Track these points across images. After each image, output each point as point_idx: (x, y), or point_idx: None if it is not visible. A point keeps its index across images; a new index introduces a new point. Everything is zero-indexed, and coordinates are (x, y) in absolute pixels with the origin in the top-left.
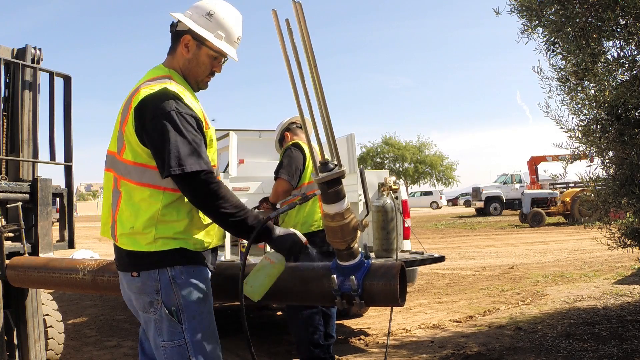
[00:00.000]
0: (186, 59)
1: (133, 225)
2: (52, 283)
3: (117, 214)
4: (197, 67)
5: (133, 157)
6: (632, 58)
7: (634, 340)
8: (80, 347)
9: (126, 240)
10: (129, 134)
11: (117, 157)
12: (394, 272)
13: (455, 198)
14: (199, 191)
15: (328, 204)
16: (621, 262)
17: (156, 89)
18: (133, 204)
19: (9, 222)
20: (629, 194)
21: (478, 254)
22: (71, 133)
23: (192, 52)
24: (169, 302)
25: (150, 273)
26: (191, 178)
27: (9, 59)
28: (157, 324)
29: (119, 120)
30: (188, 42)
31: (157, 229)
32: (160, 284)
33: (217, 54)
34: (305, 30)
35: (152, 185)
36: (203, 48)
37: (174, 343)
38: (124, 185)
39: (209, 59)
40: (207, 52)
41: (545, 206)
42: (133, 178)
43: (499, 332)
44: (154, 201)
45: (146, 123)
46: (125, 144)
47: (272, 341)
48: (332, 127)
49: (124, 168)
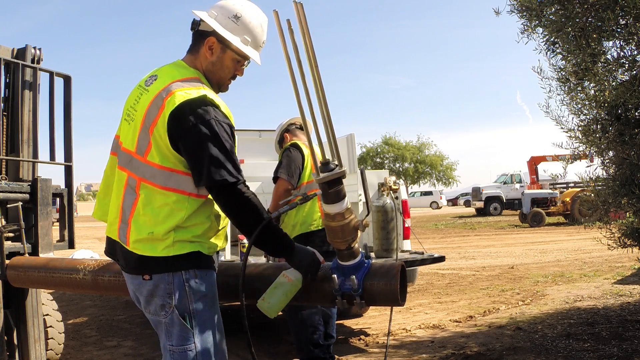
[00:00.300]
0: (210, 62)
1: (152, 231)
2: (52, 283)
3: (132, 218)
4: (220, 70)
5: (160, 161)
6: (632, 58)
7: (634, 340)
8: (80, 347)
9: (142, 246)
10: (158, 137)
11: (138, 158)
12: (394, 272)
13: (455, 198)
14: (234, 202)
15: (329, 204)
16: (621, 262)
17: (194, 94)
18: (153, 208)
19: (9, 222)
20: (629, 194)
21: (478, 254)
22: (71, 133)
23: (217, 55)
24: (181, 306)
25: (164, 276)
26: (229, 189)
27: (9, 59)
28: (168, 327)
29: (140, 118)
30: (212, 45)
31: (176, 233)
32: (173, 287)
33: (242, 58)
34: (306, 31)
35: (178, 190)
36: (228, 51)
37: (183, 348)
38: (145, 188)
39: (233, 63)
40: (232, 56)
41: (545, 206)
42: (158, 182)
43: (499, 332)
44: (179, 207)
45: (184, 130)
46: (151, 145)
47: (272, 341)
48: (332, 127)
49: (149, 171)
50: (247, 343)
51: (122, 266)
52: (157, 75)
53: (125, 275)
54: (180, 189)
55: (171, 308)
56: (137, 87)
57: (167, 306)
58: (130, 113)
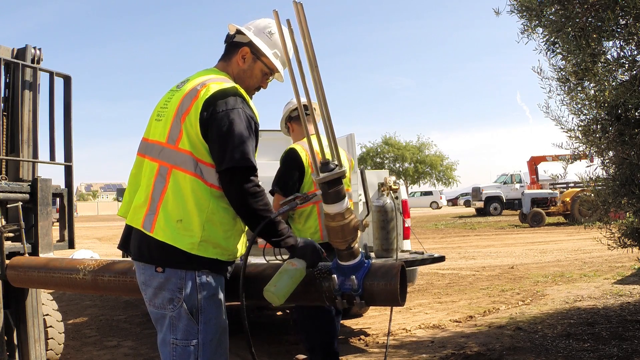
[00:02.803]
0: (241, 69)
1: (182, 219)
2: (52, 283)
3: (161, 204)
4: (250, 78)
5: (190, 148)
6: (632, 58)
7: (634, 340)
8: (80, 347)
9: (169, 232)
10: (189, 125)
11: (169, 146)
12: (394, 272)
13: (455, 198)
14: (248, 188)
15: (329, 204)
16: (621, 262)
17: (227, 85)
18: (183, 195)
19: (9, 222)
20: (629, 194)
21: (478, 254)
22: (71, 133)
23: (248, 64)
24: (190, 301)
25: (177, 271)
26: (247, 173)
27: (9, 59)
28: (174, 321)
29: (173, 111)
30: (246, 54)
31: (204, 230)
32: (185, 282)
33: (269, 70)
34: (306, 31)
35: (203, 179)
36: (258, 62)
37: (187, 342)
38: (175, 175)
39: (261, 74)
40: (261, 67)
41: (545, 206)
42: (188, 168)
43: (499, 332)
44: (205, 197)
45: (216, 114)
46: (182, 133)
47: (272, 341)
48: (332, 127)
49: (180, 157)
50: (247, 343)
51: (135, 255)
52: (190, 78)
53: (137, 265)
54: (204, 179)
55: (180, 302)
56: (169, 92)
57: (175, 300)
58: (160, 113)
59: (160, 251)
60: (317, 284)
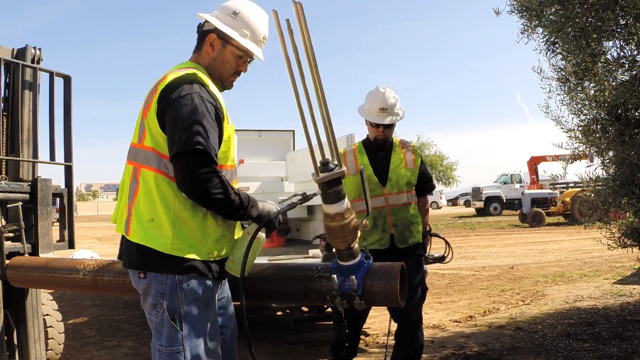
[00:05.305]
0: (211, 57)
1: (153, 218)
2: (52, 283)
3: (134, 205)
4: (222, 65)
5: (152, 144)
6: (632, 58)
7: (634, 340)
8: (80, 347)
9: (142, 233)
10: (150, 120)
11: (137, 146)
12: (394, 272)
13: (455, 198)
14: (194, 174)
15: (328, 204)
16: (621, 262)
17: (183, 73)
18: (151, 193)
19: (9, 222)
20: (629, 194)
21: (478, 254)
22: (71, 133)
23: (217, 51)
24: (172, 307)
25: (157, 276)
26: (191, 158)
27: (9, 59)
28: (158, 327)
29: (141, 110)
30: (213, 41)
31: (175, 228)
32: (166, 287)
33: (242, 52)
34: (306, 31)
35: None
36: (228, 46)
37: (171, 349)
38: (143, 174)
39: (234, 58)
40: (232, 51)
41: (545, 206)
42: (152, 164)
43: (499, 332)
44: (170, 193)
45: (168, 103)
46: (145, 130)
47: (272, 341)
48: (332, 127)
49: (144, 155)
50: (247, 343)
51: (124, 262)
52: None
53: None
54: (169, 175)
55: (162, 308)
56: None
57: (158, 306)
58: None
59: (139, 255)
60: (317, 284)
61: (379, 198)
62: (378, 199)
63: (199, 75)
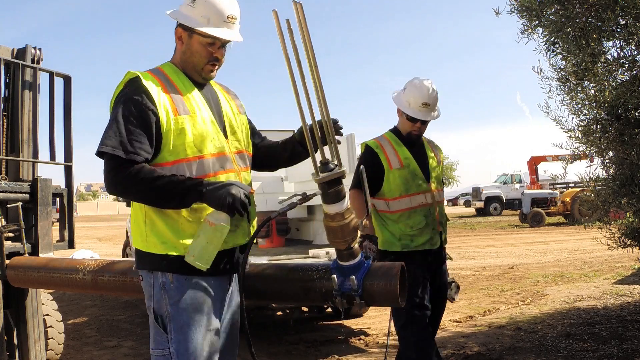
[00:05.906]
0: (181, 51)
1: (135, 218)
2: (52, 283)
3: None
4: (192, 56)
5: None
6: (632, 58)
7: (634, 340)
8: (80, 347)
9: (132, 233)
10: None
11: None
12: (394, 272)
13: (455, 198)
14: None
15: (328, 204)
16: (621, 262)
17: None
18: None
19: (9, 222)
20: (629, 194)
21: (478, 254)
22: (71, 133)
23: (185, 43)
24: (158, 308)
25: (147, 277)
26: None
27: (9, 59)
28: (150, 329)
29: None
30: (181, 35)
31: (146, 225)
32: (153, 289)
33: (208, 38)
34: (306, 31)
35: None
36: (194, 36)
37: (159, 352)
38: None
39: (203, 47)
40: (198, 40)
41: (545, 206)
42: None
43: (499, 332)
44: None
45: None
46: None
47: (272, 341)
48: (332, 127)
49: None
50: (247, 343)
51: None
52: None
53: None
54: None
55: (151, 310)
56: None
57: (149, 307)
58: None
59: (135, 256)
60: (317, 284)
61: (426, 194)
62: (425, 195)
63: (130, 74)
